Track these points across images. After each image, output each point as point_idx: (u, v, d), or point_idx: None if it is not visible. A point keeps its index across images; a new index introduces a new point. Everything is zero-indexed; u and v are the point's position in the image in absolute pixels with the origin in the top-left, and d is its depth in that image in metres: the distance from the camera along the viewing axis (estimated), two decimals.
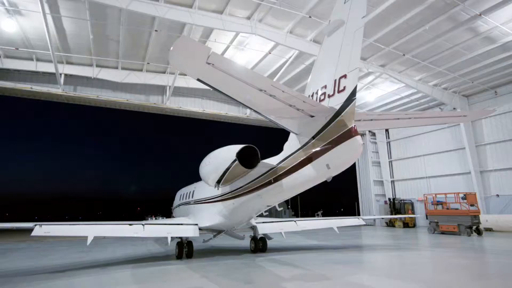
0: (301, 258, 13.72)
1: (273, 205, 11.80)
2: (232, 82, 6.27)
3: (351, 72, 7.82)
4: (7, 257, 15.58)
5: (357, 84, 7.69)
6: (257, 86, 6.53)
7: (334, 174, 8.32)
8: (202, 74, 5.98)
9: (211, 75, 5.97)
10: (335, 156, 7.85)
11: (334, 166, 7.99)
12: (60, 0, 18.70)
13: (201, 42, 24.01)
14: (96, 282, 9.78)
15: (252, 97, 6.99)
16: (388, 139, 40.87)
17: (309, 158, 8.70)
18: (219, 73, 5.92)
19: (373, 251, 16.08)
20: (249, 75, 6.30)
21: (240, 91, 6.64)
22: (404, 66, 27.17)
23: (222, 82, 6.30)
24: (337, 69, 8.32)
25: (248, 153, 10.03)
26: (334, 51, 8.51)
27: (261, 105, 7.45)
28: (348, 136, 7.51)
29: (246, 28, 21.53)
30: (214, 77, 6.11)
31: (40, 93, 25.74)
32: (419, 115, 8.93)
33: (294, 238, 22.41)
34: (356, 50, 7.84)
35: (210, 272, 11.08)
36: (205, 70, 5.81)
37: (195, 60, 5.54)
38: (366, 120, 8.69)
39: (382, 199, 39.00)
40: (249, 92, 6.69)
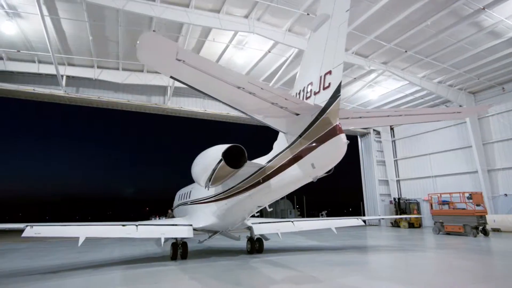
0: (297, 260, 13.47)
1: (264, 205, 11.59)
2: (207, 80, 6.10)
3: (336, 68, 7.57)
4: (6, 257, 15.73)
5: (341, 80, 7.43)
6: (234, 84, 6.35)
7: (319, 174, 8.09)
8: (174, 71, 5.82)
9: (184, 72, 5.80)
10: (320, 155, 7.62)
11: (319, 165, 7.76)
12: (58, 2, 18.82)
13: (201, 40, 23.98)
14: (85, 283, 9.72)
15: (231, 95, 6.81)
16: (393, 138, 40.22)
17: (295, 158, 8.49)
18: (192, 70, 5.75)
19: (372, 252, 15.73)
20: (224, 72, 6.11)
21: (217, 88, 6.47)
22: (407, 63, 26.62)
23: (197, 80, 6.13)
24: (322, 65, 8.08)
25: (235, 152, 9.85)
26: (320, 46, 8.28)
27: (242, 103, 7.26)
28: (333, 134, 7.27)
29: (244, 27, 21.35)
30: (187, 74, 5.94)
31: (42, 94, 26.02)
32: (410, 112, 8.60)
33: (294, 239, 22.16)
34: (341, 45, 7.60)
35: (201, 274, 10.95)
36: (176, 67, 5.64)
37: (164, 57, 5.38)
38: (355, 118, 8.42)
39: (387, 199, 38.38)
40: (226, 90, 6.50)
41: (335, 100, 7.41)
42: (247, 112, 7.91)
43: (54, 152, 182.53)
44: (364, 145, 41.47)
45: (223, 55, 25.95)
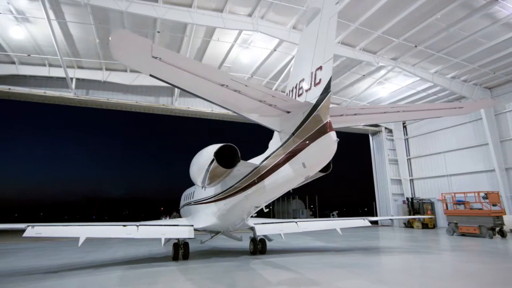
0: (299, 261, 13.18)
1: (261, 206, 11.36)
2: (188, 77, 5.94)
3: (326, 63, 7.28)
4: (14, 256, 16.10)
5: (331, 75, 7.14)
6: (217, 81, 6.16)
7: (311, 173, 7.82)
8: (152, 69, 5.66)
9: (162, 70, 5.65)
10: (310, 154, 7.35)
11: (310, 165, 7.49)
12: (64, 6, 19.16)
13: (206, 40, 23.93)
14: (81, 283, 9.76)
15: (217, 93, 6.61)
16: (406, 136, 39.15)
17: (287, 157, 8.24)
18: (170, 67, 5.60)
19: (379, 254, 15.23)
20: (204, 69, 5.94)
21: (200, 86, 6.28)
22: (417, 59, 25.79)
23: (177, 78, 5.96)
24: (313, 61, 7.80)
25: (229, 152, 9.66)
26: (311, 41, 8.00)
27: (229, 101, 7.05)
28: (323, 132, 6.99)
29: (248, 25, 21.20)
30: (166, 72, 5.77)
31: (53, 97, 26.63)
32: (408, 108, 8.19)
33: (300, 240, 21.81)
34: (331, 38, 7.30)
35: (198, 275, 10.84)
36: (153, 65, 5.49)
37: (139, 55, 5.25)
38: (349, 115, 8.09)
39: (400, 199, 37.37)
40: (210, 88, 6.32)
41: (326, 97, 7.12)
42: (236, 111, 7.68)
43: (72, 154, 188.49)
44: (376, 144, 40.54)
45: (228, 54, 25.86)
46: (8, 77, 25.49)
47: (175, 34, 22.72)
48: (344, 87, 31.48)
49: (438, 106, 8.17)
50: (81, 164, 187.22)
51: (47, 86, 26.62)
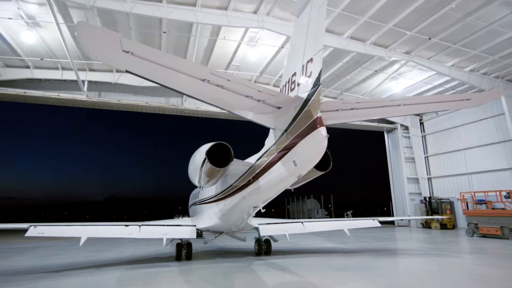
0: (303, 263, 12.77)
1: (259, 206, 11.03)
2: (166, 72, 5.68)
3: (317, 54, 6.87)
4: (25, 255, 16.47)
5: (321, 68, 6.71)
6: (196, 76, 5.88)
7: (303, 172, 7.43)
8: (126, 64, 5.40)
9: (137, 65, 5.40)
10: (301, 151, 6.97)
11: (300, 162, 7.10)
12: (72, 9, 19.50)
13: (212, 39, 23.78)
14: (79, 283, 9.77)
15: (199, 89, 6.30)
16: (423, 133, 37.66)
17: (280, 155, 7.89)
18: (145, 62, 5.36)
19: (389, 256, 14.55)
20: (181, 63, 5.68)
21: (180, 82, 6.00)
22: (432, 52, 24.66)
23: (155, 73, 5.68)
24: (304, 53, 7.41)
25: (222, 150, 9.37)
26: (302, 33, 7.60)
27: (214, 98, 6.71)
28: (313, 127, 6.60)
29: (253, 23, 20.90)
30: (142, 67, 5.51)
31: (66, 100, 27.29)
32: (409, 101, 7.60)
33: (309, 240, 21.31)
34: (320, 29, 6.87)
35: (196, 276, 10.65)
36: (126, 60, 5.24)
37: (109, 49, 5.02)
38: (345, 110, 7.61)
39: (417, 198, 35.99)
40: (191, 83, 6.02)
41: (316, 90, 6.71)
42: (224, 108, 7.38)
43: (98, 155, 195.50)
44: (391, 141, 39.26)
45: (236, 53, 25.65)
46: (24, 81, 26.30)
47: (182, 34, 22.70)
48: (356, 83, 30.60)
49: (442, 98, 7.54)
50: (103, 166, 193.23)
51: (60, 89, 27.26)
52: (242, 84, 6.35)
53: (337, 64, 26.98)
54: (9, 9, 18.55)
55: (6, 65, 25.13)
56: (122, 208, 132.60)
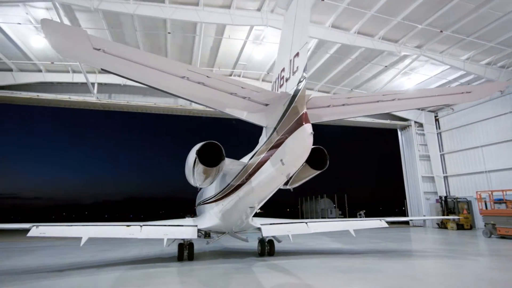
0: (305, 264, 12.46)
1: (255, 206, 10.78)
2: (143, 70, 5.56)
3: (302, 48, 6.59)
4: (33, 254, 16.82)
5: (306, 62, 6.43)
6: (173, 72, 5.73)
7: (291, 171, 7.16)
8: (99, 62, 5.30)
9: (110, 63, 5.30)
10: (287, 149, 6.71)
11: (288, 161, 6.84)
12: (78, 12, 19.84)
13: (217, 39, 23.68)
14: (76, 283, 9.82)
15: (180, 87, 6.18)
16: (439, 130, 36.36)
17: (269, 154, 7.64)
18: (119, 60, 5.25)
19: (397, 258, 13.98)
20: (155, 59, 5.53)
21: (159, 80, 5.87)
22: (445, 45, 23.69)
23: (131, 71, 5.58)
24: (292, 47, 7.14)
25: (213, 150, 9.18)
26: (290, 27, 7.33)
27: (197, 95, 6.57)
28: (298, 125, 6.33)
29: (257, 20, 20.66)
30: (117, 65, 5.41)
31: (77, 102, 27.88)
32: (404, 95, 7.16)
33: (316, 241, 20.90)
34: (305, 22, 6.58)
35: (192, 278, 10.53)
36: (98, 58, 5.16)
37: (79, 47, 4.93)
38: (337, 106, 7.29)
39: (433, 197, 34.78)
40: (170, 81, 5.90)
41: (302, 86, 6.43)
42: (213, 107, 7.23)
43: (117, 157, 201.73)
44: (405, 139, 38.10)
45: (242, 52, 25.49)
46: (37, 84, 27.02)
47: (186, 34, 22.72)
48: (366, 80, 29.84)
49: (441, 91, 7.08)
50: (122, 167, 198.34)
51: (72, 91, 27.87)
52: (223, 81, 6.15)
53: (345, 61, 26.36)
54: (18, 14, 19.06)
55: (20, 69, 25.87)
56: (140, 208, 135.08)
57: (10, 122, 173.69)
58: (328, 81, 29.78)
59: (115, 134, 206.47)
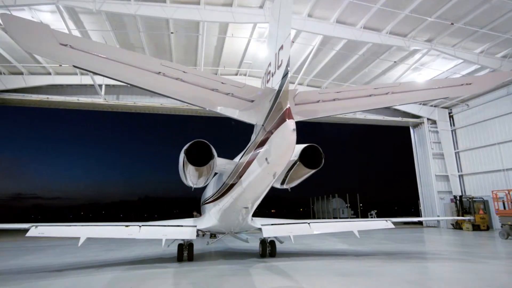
0: (305, 266, 12.08)
1: (248, 207, 10.47)
2: (114, 66, 5.37)
3: (286, 40, 6.27)
4: (42, 253, 17.05)
5: (289, 55, 6.09)
6: (146, 68, 5.52)
7: (277, 170, 6.83)
8: (67, 58, 5.12)
9: (80, 59, 5.12)
10: (271, 147, 6.41)
11: (272, 160, 6.53)
12: (82, 15, 20.05)
13: (221, 38, 23.50)
14: (70, 284, 9.78)
15: (157, 83, 5.94)
16: (453, 127, 35.05)
17: (256, 152, 7.34)
18: (87, 55, 5.07)
19: (402, 260, 13.38)
20: (126, 55, 5.33)
21: (132, 76, 5.67)
22: (457, 38, 22.73)
23: (102, 67, 5.40)
24: (277, 40, 6.82)
25: (203, 149, 8.92)
26: (275, 19, 7.02)
27: (177, 92, 6.30)
28: (281, 121, 6.01)
29: (259, 18, 20.37)
30: (87, 62, 5.23)
31: (86, 103, 28.29)
32: (399, 88, 6.67)
33: (324, 242, 20.39)
34: (287, 11, 6.26)
35: (186, 279, 10.32)
36: (66, 54, 4.98)
37: (45, 43, 4.78)
38: (327, 101, 6.92)
39: (447, 197, 33.53)
40: (147, 77, 5.69)
41: (286, 80, 6.11)
42: (198, 104, 6.97)
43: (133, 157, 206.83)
44: (418, 137, 36.92)
45: (246, 50, 25.26)
46: (48, 87, 27.57)
47: (190, 33, 22.66)
48: (375, 76, 29.05)
49: (438, 84, 6.58)
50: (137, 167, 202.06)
51: (81, 93, 28.31)
52: (201, 76, 5.90)
53: (352, 57, 25.71)
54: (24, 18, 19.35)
55: (30, 73, 26.46)
56: (155, 207, 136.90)
57: (32, 125, 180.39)
58: (336, 78, 29.14)
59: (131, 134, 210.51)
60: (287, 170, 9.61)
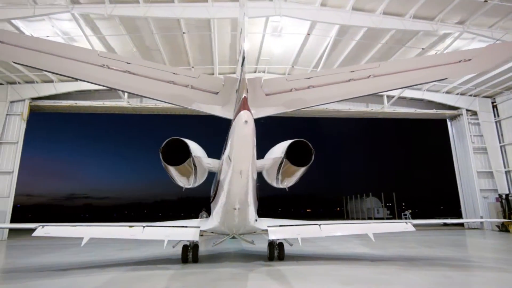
0: (309, 272, 11.25)
1: (236, 207, 9.82)
2: (55, 61, 5.07)
3: (243, 27, 5.61)
4: (57, 252, 17.61)
5: (245, 42, 5.45)
6: (86, 60, 5.17)
7: (241, 168, 6.19)
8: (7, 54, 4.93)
9: (14, 54, 4.88)
10: (231, 142, 5.77)
11: (233, 157, 5.93)
12: (97, 21, 20.67)
13: (234, 35, 23.07)
14: (68, 283, 9.87)
15: (103, 76, 5.57)
16: (497, 118, 31.56)
17: (224, 149, 6.72)
18: (22, 50, 4.82)
19: (420, 267, 11.95)
20: (65, 48, 5.02)
21: (75, 70, 5.33)
22: (494, 17, 20.23)
23: (40, 61, 5.10)
24: (243, 28, 6.16)
25: (180, 147, 8.44)
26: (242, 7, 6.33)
27: (130, 86, 5.87)
28: (237, 112, 5.36)
29: (270, 11, 19.69)
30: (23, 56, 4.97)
31: (111, 107, 29.41)
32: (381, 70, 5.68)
33: (345, 244, 19.15)
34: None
35: (182, 282, 9.98)
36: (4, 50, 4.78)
37: None
38: (303, 89, 6.13)
39: (492, 195, 30.25)
40: (88, 70, 5.34)
41: (243, 68, 5.45)
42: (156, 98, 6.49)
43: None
44: (456, 130, 33.79)
45: (262, 46, 24.61)
46: (77, 92, 29.04)
47: (202, 32, 22.50)
48: None
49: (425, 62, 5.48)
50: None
51: (106, 97, 29.48)
52: (149, 67, 5.43)
53: (375, 46, 24.01)
54: (46, 28, 20.44)
55: (60, 80, 28.00)
56: (192, 206, 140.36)
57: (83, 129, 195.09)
58: None
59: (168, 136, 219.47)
60: (277, 169, 8.90)
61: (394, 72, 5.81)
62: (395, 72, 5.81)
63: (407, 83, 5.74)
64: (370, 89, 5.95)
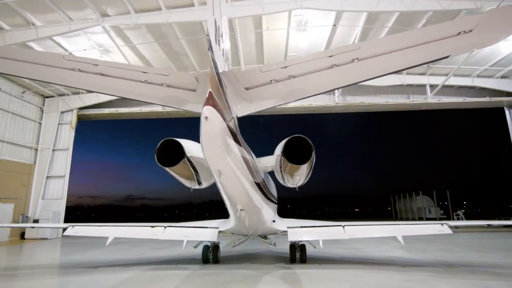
0: (327, 277, 10.52)
1: (238, 208, 9.47)
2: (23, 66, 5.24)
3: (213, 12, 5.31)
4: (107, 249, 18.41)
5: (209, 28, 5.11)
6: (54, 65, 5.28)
7: (218, 168, 5.88)
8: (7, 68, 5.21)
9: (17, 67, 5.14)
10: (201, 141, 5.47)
11: (204, 155, 5.59)
12: (127, 31, 21.80)
13: (258, 33, 22.83)
14: (85, 281, 10.38)
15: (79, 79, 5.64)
16: None
17: None
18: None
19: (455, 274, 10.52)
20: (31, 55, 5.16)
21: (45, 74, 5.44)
22: None
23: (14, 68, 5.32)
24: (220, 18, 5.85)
25: (175, 147, 8.32)
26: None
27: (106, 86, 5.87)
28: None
29: (290, 5, 19.15)
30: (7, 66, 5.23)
31: (147, 112, 30.95)
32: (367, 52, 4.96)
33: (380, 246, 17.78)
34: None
35: (193, 284, 9.96)
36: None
37: None
38: (282, 81, 5.66)
39: None
40: (61, 74, 5.45)
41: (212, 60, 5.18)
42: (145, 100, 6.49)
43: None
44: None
45: (288, 42, 24.03)
46: (118, 100, 31.01)
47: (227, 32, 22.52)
48: None
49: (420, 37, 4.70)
50: None
51: (143, 104, 31.04)
52: (118, 68, 5.38)
53: None
54: (82, 42, 22.07)
55: None
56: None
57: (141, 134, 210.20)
58: None
59: None
60: (279, 167, 8.46)
61: (381, 54, 5.03)
62: (382, 54, 5.03)
63: (406, 64, 4.99)
64: (360, 76, 5.27)
